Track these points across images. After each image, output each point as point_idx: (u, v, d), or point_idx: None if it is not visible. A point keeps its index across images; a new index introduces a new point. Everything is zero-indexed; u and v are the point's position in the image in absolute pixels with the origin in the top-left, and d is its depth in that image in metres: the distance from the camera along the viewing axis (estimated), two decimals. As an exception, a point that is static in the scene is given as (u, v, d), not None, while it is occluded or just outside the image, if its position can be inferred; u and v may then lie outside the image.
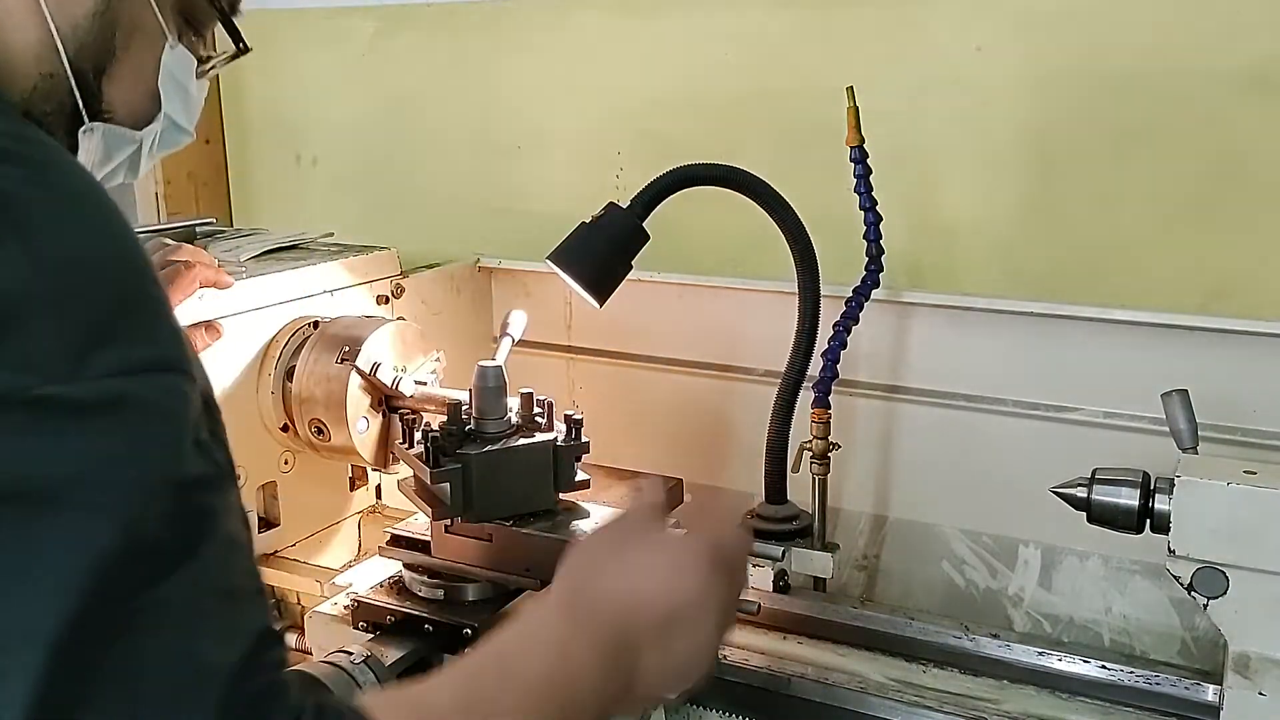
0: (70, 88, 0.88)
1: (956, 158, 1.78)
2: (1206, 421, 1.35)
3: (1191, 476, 1.24)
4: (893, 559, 1.87)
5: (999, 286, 1.76)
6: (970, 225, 1.79)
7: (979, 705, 1.37)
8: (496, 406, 1.42)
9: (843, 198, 1.68)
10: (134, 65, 0.93)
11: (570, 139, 2.12)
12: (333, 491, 1.75)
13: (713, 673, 1.00)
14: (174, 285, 1.42)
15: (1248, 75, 1.58)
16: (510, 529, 1.39)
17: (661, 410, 1.99)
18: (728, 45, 1.94)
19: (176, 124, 1.01)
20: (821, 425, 1.67)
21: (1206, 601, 1.25)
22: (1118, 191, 1.69)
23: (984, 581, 1.81)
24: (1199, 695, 1.37)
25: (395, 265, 1.85)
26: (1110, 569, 1.70)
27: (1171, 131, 1.64)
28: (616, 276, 1.57)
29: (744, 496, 1.79)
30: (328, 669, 1.21)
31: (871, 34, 1.82)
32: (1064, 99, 1.70)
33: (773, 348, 1.73)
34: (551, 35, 2.11)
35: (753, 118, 1.93)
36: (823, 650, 1.51)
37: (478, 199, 2.24)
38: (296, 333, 1.63)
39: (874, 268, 1.69)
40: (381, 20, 2.31)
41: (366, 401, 1.57)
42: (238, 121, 2.55)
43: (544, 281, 2.01)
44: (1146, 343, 1.62)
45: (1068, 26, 1.68)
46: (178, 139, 1.03)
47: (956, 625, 1.52)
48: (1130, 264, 1.69)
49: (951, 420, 1.78)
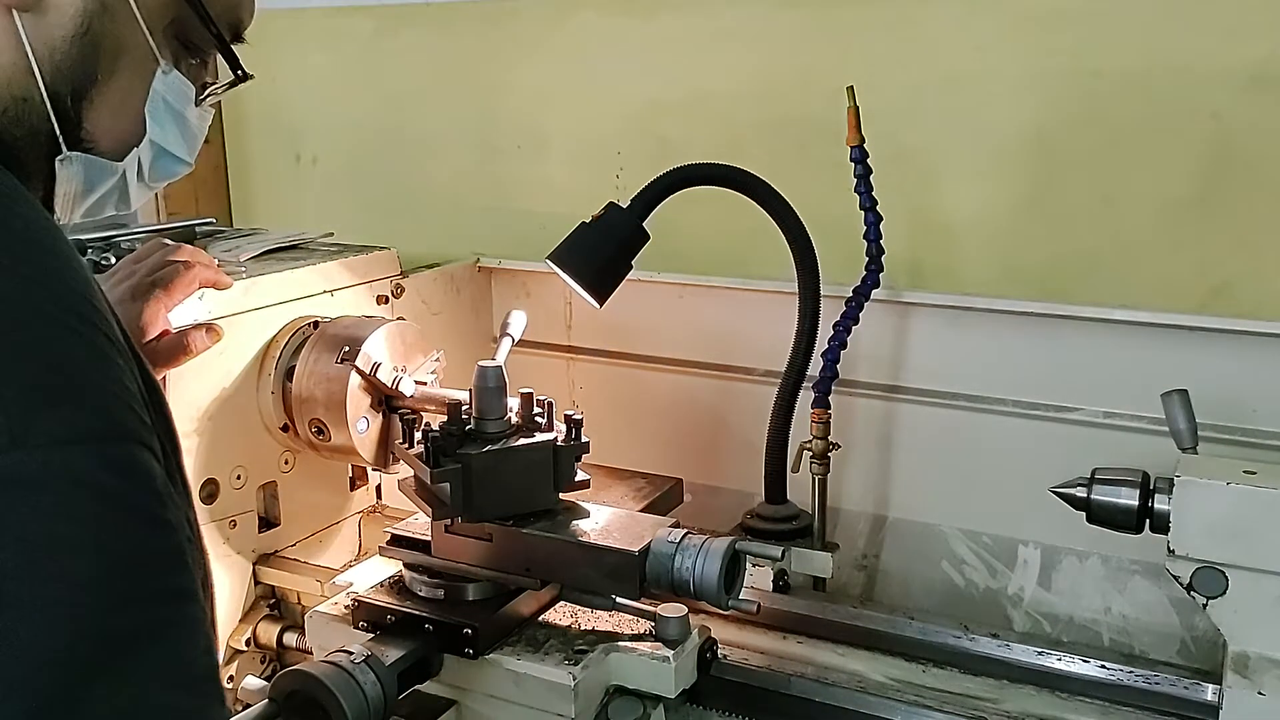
0: (46, 113, 0.83)
1: (956, 158, 1.78)
2: (1206, 421, 1.35)
3: (1191, 476, 1.24)
4: (892, 559, 1.87)
5: (999, 286, 1.76)
6: (970, 225, 1.79)
7: (979, 705, 1.37)
8: (496, 406, 1.42)
9: (843, 198, 1.68)
10: (120, 91, 0.88)
11: (570, 139, 2.12)
12: (333, 491, 1.75)
13: None
14: (173, 285, 1.42)
15: (1248, 75, 1.58)
16: (510, 529, 1.39)
17: (661, 410, 1.99)
18: (728, 45, 1.94)
19: (169, 152, 0.96)
20: (821, 425, 1.67)
21: (1206, 601, 1.25)
22: (1118, 191, 1.69)
23: (984, 581, 1.81)
24: (1198, 695, 1.37)
25: (395, 265, 1.85)
26: (1110, 569, 1.71)
27: (1171, 131, 1.64)
28: (616, 276, 1.57)
29: (744, 496, 1.79)
30: (328, 669, 1.21)
31: (871, 34, 1.82)
32: (1064, 99, 1.70)
33: (772, 348, 1.74)
34: (551, 35, 2.11)
35: (753, 118, 1.93)
36: (822, 650, 1.51)
37: (478, 199, 2.24)
38: (296, 333, 1.63)
39: (874, 268, 1.69)
40: (381, 20, 2.31)
41: (366, 401, 1.57)
42: (237, 121, 2.55)
43: (544, 281, 2.01)
44: (1146, 343, 1.62)
45: (1068, 26, 1.68)
46: (173, 169, 0.99)
47: (956, 625, 1.52)
48: (1130, 264, 1.69)
49: (951, 420, 1.78)
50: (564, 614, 1.41)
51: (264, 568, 1.63)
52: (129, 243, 1.69)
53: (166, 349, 1.42)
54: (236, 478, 1.59)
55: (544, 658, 1.31)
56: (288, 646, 1.61)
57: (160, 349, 1.41)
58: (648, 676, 1.32)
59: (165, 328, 1.43)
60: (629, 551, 1.33)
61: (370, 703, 1.20)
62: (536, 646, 1.34)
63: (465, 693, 1.35)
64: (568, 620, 1.40)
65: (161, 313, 1.41)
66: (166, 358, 1.42)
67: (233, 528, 1.59)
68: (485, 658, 1.32)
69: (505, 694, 1.31)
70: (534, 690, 1.29)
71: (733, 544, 1.33)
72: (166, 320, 1.43)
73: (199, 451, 1.53)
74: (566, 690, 1.27)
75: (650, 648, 1.33)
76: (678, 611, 1.35)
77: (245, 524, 1.61)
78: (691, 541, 1.33)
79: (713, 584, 1.30)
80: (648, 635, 1.35)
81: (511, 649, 1.33)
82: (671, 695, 1.33)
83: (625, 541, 1.35)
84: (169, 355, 1.42)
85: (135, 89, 0.89)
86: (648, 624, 1.37)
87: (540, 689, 1.29)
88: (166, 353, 1.42)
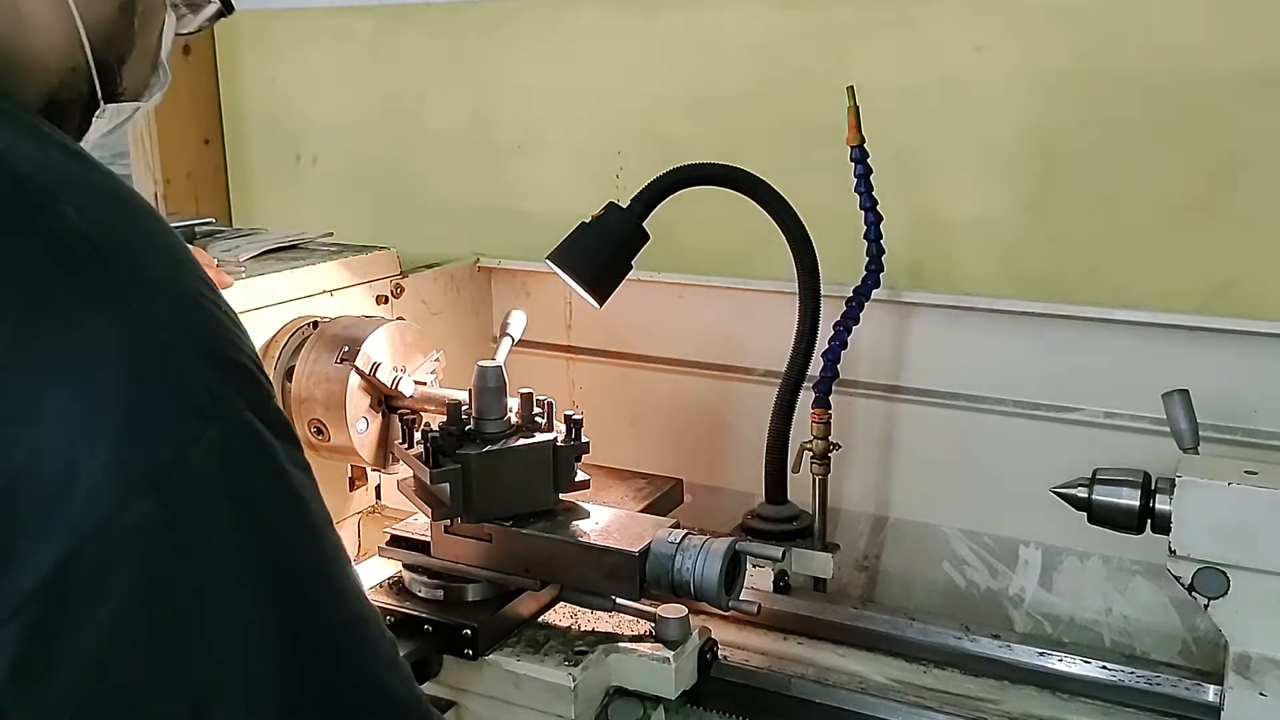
0: (91, 77, 0.89)
1: (956, 158, 1.78)
2: (1207, 421, 1.35)
3: (1192, 476, 1.24)
4: (893, 559, 1.87)
5: (999, 286, 1.75)
6: (970, 225, 1.79)
7: (979, 706, 1.37)
8: (496, 406, 1.42)
9: (843, 198, 1.68)
10: (146, 46, 0.95)
11: (570, 139, 2.12)
12: (332, 491, 1.75)
13: None
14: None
15: (1248, 75, 1.58)
16: (510, 529, 1.39)
17: (661, 410, 1.99)
18: (728, 45, 1.94)
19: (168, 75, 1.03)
20: (821, 425, 1.67)
21: (1207, 602, 1.25)
22: (1118, 191, 1.69)
23: (984, 582, 1.80)
24: (1200, 696, 1.36)
25: (395, 265, 1.85)
26: (1111, 569, 1.70)
27: (1171, 131, 1.64)
28: (616, 276, 1.57)
29: (744, 497, 1.79)
30: (327, 669, 1.21)
31: (871, 34, 1.81)
32: (1064, 99, 1.69)
33: (773, 348, 1.73)
34: (551, 35, 2.11)
35: (753, 118, 1.92)
36: (823, 651, 1.51)
37: (478, 199, 2.24)
38: (296, 333, 1.63)
39: (874, 268, 1.69)
40: (381, 20, 2.30)
41: (366, 401, 1.57)
42: (238, 121, 2.55)
43: (544, 281, 2.01)
44: (1146, 343, 1.62)
45: (1068, 26, 1.68)
46: (165, 85, 1.05)
47: (957, 626, 1.52)
48: (1130, 264, 1.69)
49: (951, 420, 1.78)
50: (564, 615, 1.41)
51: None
52: (128, 243, 1.69)
53: None
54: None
55: (544, 659, 1.31)
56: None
57: None
58: (648, 677, 1.32)
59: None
60: (629, 552, 1.33)
61: (370, 703, 1.20)
62: (536, 647, 1.33)
63: (465, 694, 1.35)
64: (568, 621, 1.40)
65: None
66: None
67: (232, 528, 1.58)
68: (485, 659, 1.31)
69: (505, 695, 1.31)
70: (534, 691, 1.29)
71: (733, 544, 1.33)
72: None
73: (198, 452, 1.52)
74: (566, 691, 1.27)
75: (650, 648, 1.33)
76: (678, 612, 1.35)
77: (245, 524, 1.60)
78: (692, 542, 1.33)
79: (713, 584, 1.30)
80: (648, 636, 1.35)
81: (511, 650, 1.33)
82: (672, 696, 1.33)
83: (625, 542, 1.35)
84: None
85: (154, 39, 0.96)
86: (648, 625, 1.36)
87: (540, 690, 1.29)
88: None
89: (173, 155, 2.52)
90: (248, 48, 2.48)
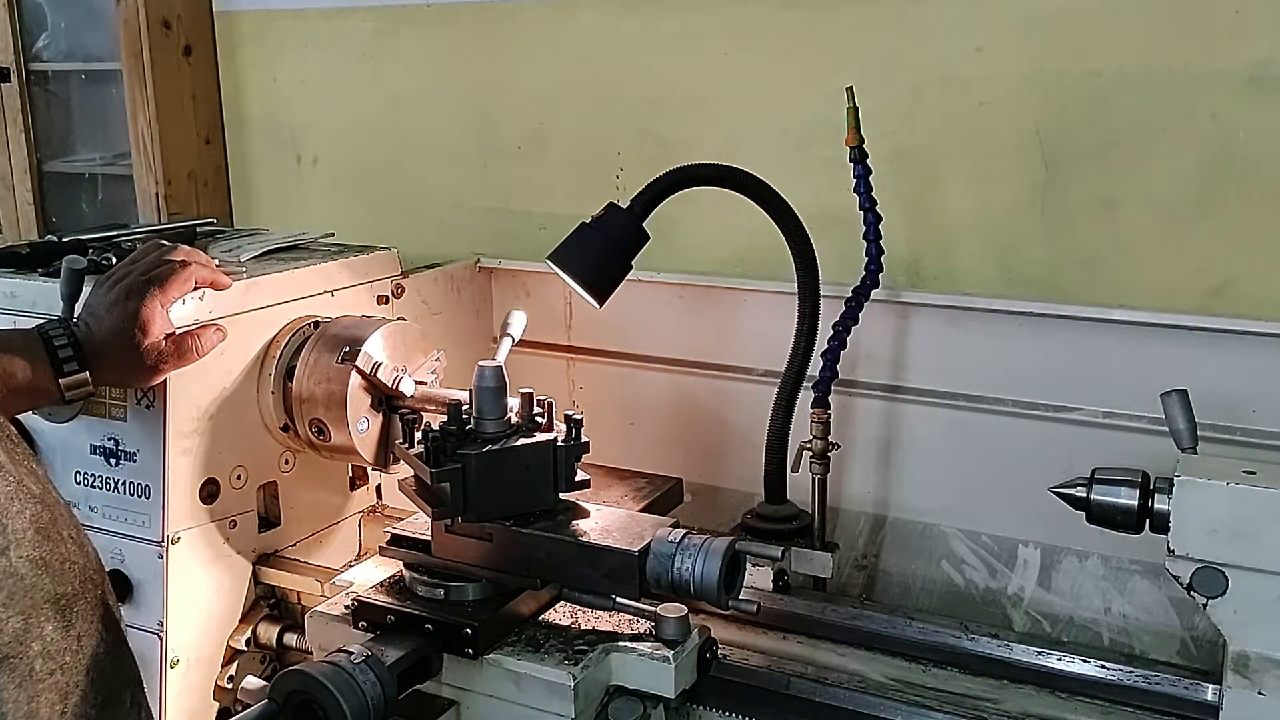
0: None
1: (956, 158, 1.78)
2: (1206, 421, 1.35)
3: (1191, 476, 1.24)
4: (892, 559, 1.87)
5: (998, 287, 1.76)
6: (970, 225, 1.79)
7: (979, 705, 1.37)
8: (496, 406, 1.42)
9: (843, 198, 1.68)
10: None
11: (570, 139, 2.12)
12: (333, 491, 1.75)
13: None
14: (169, 283, 1.43)
15: (1247, 75, 1.58)
16: (510, 529, 1.39)
17: (661, 410, 1.99)
18: (728, 45, 1.94)
19: None
20: (821, 425, 1.67)
21: (1206, 601, 1.25)
22: (1118, 191, 1.69)
23: (984, 581, 1.81)
24: (1198, 695, 1.36)
25: (395, 265, 1.85)
26: (1110, 569, 1.71)
27: (1171, 132, 1.64)
28: (616, 276, 1.58)
29: (744, 496, 1.79)
30: (328, 669, 1.21)
31: (871, 34, 1.82)
32: (1064, 99, 1.70)
33: (772, 348, 1.74)
34: (551, 35, 2.11)
35: (753, 118, 1.93)
36: (822, 650, 1.51)
37: (478, 199, 2.25)
38: (297, 333, 1.63)
39: (874, 268, 1.69)
40: (381, 20, 2.31)
41: (367, 401, 1.57)
42: (238, 121, 2.55)
43: (544, 281, 2.01)
44: (1146, 343, 1.62)
45: (1068, 26, 1.68)
46: None
47: (956, 625, 1.52)
48: (1130, 264, 1.69)
49: (950, 420, 1.78)
50: (564, 614, 1.41)
51: (264, 568, 1.63)
52: (129, 243, 1.69)
53: (175, 348, 1.42)
54: (237, 478, 1.59)
55: (544, 658, 1.31)
56: (288, 646, 1.61)
57: (168, 348, 1.42)
58: (648, 676, 1.32)
59: (168, 327, 1.43)
60: (629, 551, 1.33)
61: (370, 703, 1.20)
62: (536, 646, 1.34)
63: (465, 693, 1.35)
64: (568, 620, 1.40)
65: (159, 310, 1.41)
66: (176, 356, 1.43)
67: (233, 528, 1.59)
68: (485, 658, 1.32)
69: (505, 694, 1.31)
70: (534, 690, 1.29)
71: (733, 544, 1.33)
72: (167, 319, 1.43)
73: (199, 451, 1.53)
74: (566, 690, 1.27)
75: (650, 648, 1.33)
76: (678, 611, 1.35)
77: (245, 524, 1.61)
78: (691, 541, 1.33)
79: (713, 584, 1.30)
80: (648, 635, 1.35)
81: (511, 649, 1.33)
82: (671, 695, 1.33)
83: (625, 541, 1.35)
84: (178, 354, 1.43)
85: None
86: (648, 624, 1.36)
87: (540, 689, 1.29)
88: (175, 351, 1.42)
89: (174, 155, 2.53)
90: (249, 48, 2.49)
